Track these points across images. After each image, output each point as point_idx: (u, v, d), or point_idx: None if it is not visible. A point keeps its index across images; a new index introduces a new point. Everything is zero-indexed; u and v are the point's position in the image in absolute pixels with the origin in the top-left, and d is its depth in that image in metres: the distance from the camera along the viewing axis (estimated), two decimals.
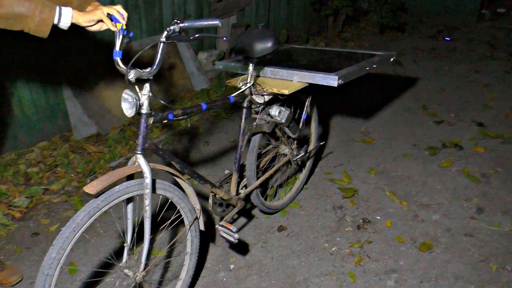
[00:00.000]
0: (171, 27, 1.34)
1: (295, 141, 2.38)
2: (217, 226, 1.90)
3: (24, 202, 2.66)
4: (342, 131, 3.48)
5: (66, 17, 1.33)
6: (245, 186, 2.14)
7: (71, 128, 3.52)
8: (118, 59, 1.41)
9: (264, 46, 1.82)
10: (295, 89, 1.98)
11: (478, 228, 2.27)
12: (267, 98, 1.98)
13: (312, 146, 2.58)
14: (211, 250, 2.20)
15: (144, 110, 1.45)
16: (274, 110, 2.00)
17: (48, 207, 2.66)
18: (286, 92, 1.92)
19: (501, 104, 3.91)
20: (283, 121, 2.02)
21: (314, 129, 2.58)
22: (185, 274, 1.84)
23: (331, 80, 1.90)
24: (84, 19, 1.38)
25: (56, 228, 2.41)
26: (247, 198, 2.16)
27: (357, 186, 2.70)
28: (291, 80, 2.03)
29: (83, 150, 3.26)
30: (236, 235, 1.84)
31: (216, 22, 1.34)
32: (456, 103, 3.97)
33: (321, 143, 2.64)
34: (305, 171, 2.64)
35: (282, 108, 2.02)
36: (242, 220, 2.42)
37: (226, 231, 1.86)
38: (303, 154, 2.38)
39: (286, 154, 2.34)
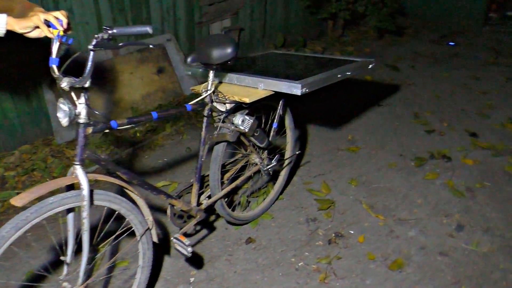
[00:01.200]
0: (100, 35, 1.28)
1: (266, 151, 2.30)
2: (172, 238, 1.83)
3: None
4: (328, 139, 3.37)
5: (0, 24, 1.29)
6: (209, 197, 2.07)
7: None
8: (54, 66, 1.36)
9: (222, 52, 1.75)
10: (259, 97, 1.90)
11: (455, 247, 2.15)
12: (228, 106, 1.91)
13: (287, 155, 2.50)
14: (172, 262, 2.13)
15: (82, 119, 1.39)
16: (237, 119, 1.92)
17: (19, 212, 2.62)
18: (247, 100, 1.84)
19: (498, 113, 3.76)
20: (246, 130, 1.93)
21: (290, 138, 2.49)
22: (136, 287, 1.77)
23: (294, 89, 1.82)
24: (19, 26, 1.33)
25: None
26: (211, 208, 2.09)
27: (335, 198, 2.59)
28: (256, 88, 1.95)
29: (63, 154, 3.22)
30: (189, 249, 1.77)
31: (146, 28, 1.28)
32: (451, 111, 3.83)
33: (297, 153, 2.55)
34: (280, 181, 2.55)
35: (246, 116, 1.93)
36: (210, 231, 2.34)
37: (180, 244, 1.79)
38: (274, 164, 2.29)
39: (257, 164, 2.25)
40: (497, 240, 2.19)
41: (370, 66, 2.35)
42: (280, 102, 2.16)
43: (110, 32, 1.28)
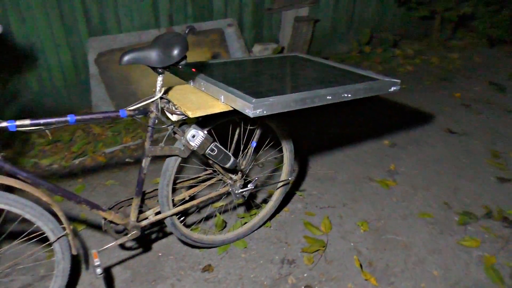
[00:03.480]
0: None
1: (239, 172, 1.96)
2: (91, 251, 1.65)
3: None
4: (364, 164, 2.84)
5: None
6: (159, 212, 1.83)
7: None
8: None
9: (164, 55, 1.48)
10: (212, 111, 1.57)
11: None
12: (175, 117, 1.62)
13: (282, 177, 2.12)
14: (118, 272, 1.96)
15: None
16: (188, 133, 1.63)
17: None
18: (189, 114, 1.53)
19: None
20: (196, 147, 1.63)
21: (286, 159, 2.10)
22: None
23: (247, 108, 1.45)
24: None
25: None
26: (158, 225, 1.86)
27: (331, 241, 2.14)
28: (218, 100, 1.63)
29: (91, 130, 3.29)
30: (98, 270, 1.57)
31: None
32: None
33: (289, 179, 2.14)
34: (269, 207, 2.19)
35: (198, 131, 1.63)
36: (175, 246, 2.11)
37: (94, 262, 1.60)
38: (250, 188, 1.95)
39: (227, 185, 1.94)
40: None
41: (392, 89, 1.82)
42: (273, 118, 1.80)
43: None
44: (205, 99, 1.66)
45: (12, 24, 3.18)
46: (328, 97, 1.62)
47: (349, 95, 1.68)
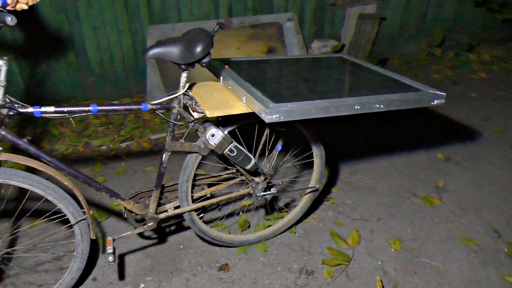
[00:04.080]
0: None
1: (262, 174, 1.90)
2: (108, 238, 1.71)
3: (61, 148, 2.98)
4: (410, 177, 2.63)
5: None
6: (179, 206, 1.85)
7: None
8: None
9: (186, 51, 1.47)
10: (231, 112, 1.53)
11: None
12: (196, 115, 1.61)
13: (311, 184, 2.04)
14: (138, 261, 2.02)
15: None
16: (208, 131, 1.61)
17: (77, 159, 2.91)
18: (207, 113, 1.50)
19: None
20: (213, 147, 1.61)
21: (316, 166, 2.01)
22: (67, 275, 1.74)
23: (263, 113, 1.39)
24: None
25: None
26: (180, 218, 1.87)
27: (356, 256, 2.02)
28: (240, 100, 1.59)
29: (141, 115, 3.41)
30: (110, 258, 1.62)
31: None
32: None
33: (317, 186, 2.04)
34: (295, 212, 2.12)
35: (218, 131, 1.61)
36: (197, 241, 2.13)
37: (107, 249, 1.65)
38: (272, 192, 1.89)
39: (248, 186, 1.90)
40: None
41: (435, 102, 1.65)
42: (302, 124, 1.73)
43: None
44: (228, 98, 1.63)
45: (80, 8, 3.38)
46: (356, 107, 1.51)
47: (381, 106, 1.55)
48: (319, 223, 2.25)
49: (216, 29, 1.62)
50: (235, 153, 1.67)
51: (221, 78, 1.77)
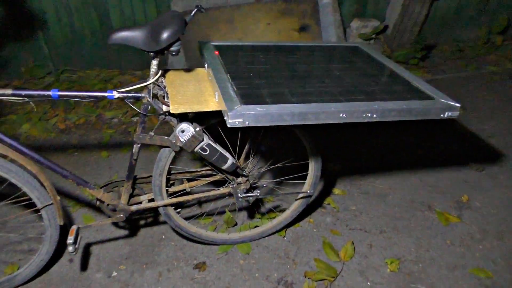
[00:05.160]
0: None
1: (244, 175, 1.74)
2: (73, 226, 1.64)
3: (74, 118, 2.97)
4: (429, 187, 2.34)
5: None
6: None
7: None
8: None
9: (151, 37, 1.32)
10: (197, 109, 1.37)
11: None
12: (165, 108, 1.46)
13: (304, 188, 1.85)
14: (118, 246, 1.96)
15: None
16: (179, 127, 1.46)
17: (86, 130, 2.89)
18: (171, 108, 1.35)
19: None
20: (182, 143, 1.47)
21: (310, 169, 1.81)
22: (37, 257, 1.71)
23: (226, 115, 1.22)
24: None
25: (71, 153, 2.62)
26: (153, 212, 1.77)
27: (345, 272, 1.82)
28: (214, 96, 1.42)
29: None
30: (70, 248, 1.56)
31: None
32: None
33: (308, 192, 1.83)
34: (285, 215, 1.95)
35: (189, 127, 1.45)
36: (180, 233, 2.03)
37: (68, 238, 1.58)
38: (255, 194, 1.72)
39: (229, 185, 1.74)
40: None
41: (446, 115, 1.39)
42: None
43: None
44: (203, 92, 1.46)
45: None
46: (341, 115, 1.29)
47: (374, 116, 1.31)
48: (314, 228, 2.06)
49: (193, 13, 1.44)
50: (208, 152, 1.51)
51: (206, 65, 1.60)
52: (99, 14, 3.45)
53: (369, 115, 1.31)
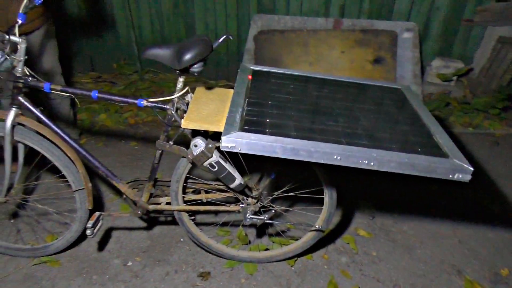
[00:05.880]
0: None
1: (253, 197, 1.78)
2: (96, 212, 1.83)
3: (143, 115, 3.28)
4: (467, 251, 2.13)
5: None
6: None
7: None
8: (19, 21, 1.48)
9: (176, 56, 1.46)
10: (205, 128, 1.49)
11: None
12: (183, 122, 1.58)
13: (318, 222, 1.83)
14: (142, 238, 2.14)
15: (18, 73, 1.54)
16: (193, 141, 1.57)
17: (151, 128, 3.18)
18: (182, 122, 1.47)
19: None
20: (193, 157, 1.57)
21: (326, 205, 1.80)
22: (68, 233, 1.94)
23: (222, 137, 1.29)
24: None
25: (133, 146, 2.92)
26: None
27: None
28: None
29: None
30: (88, 231, 1.74)
31: None
32: None
33: (319, 228, 1.80)
34: (297, 245, 1.94)
35: (202, 142, 1.55)
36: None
37: (88, 222, 1.77)
38: (262, 218, 1.76)
39: (239, 204, 1.80)
40: None
41: (455, 176, 1.30)
42: None
43: None
44: (219, 112, 1.55)
45: None
46: (336, 157, 1.28)
47: (372, 163, 1.28)
48: (325, 265, 2.02)
49: (221, 39, 1.54)
50: (216, 169, 1.60)
51: (235, 87, 1.69)
52: (186, 24, 3.76)
53: (366, 162, 1.28)
